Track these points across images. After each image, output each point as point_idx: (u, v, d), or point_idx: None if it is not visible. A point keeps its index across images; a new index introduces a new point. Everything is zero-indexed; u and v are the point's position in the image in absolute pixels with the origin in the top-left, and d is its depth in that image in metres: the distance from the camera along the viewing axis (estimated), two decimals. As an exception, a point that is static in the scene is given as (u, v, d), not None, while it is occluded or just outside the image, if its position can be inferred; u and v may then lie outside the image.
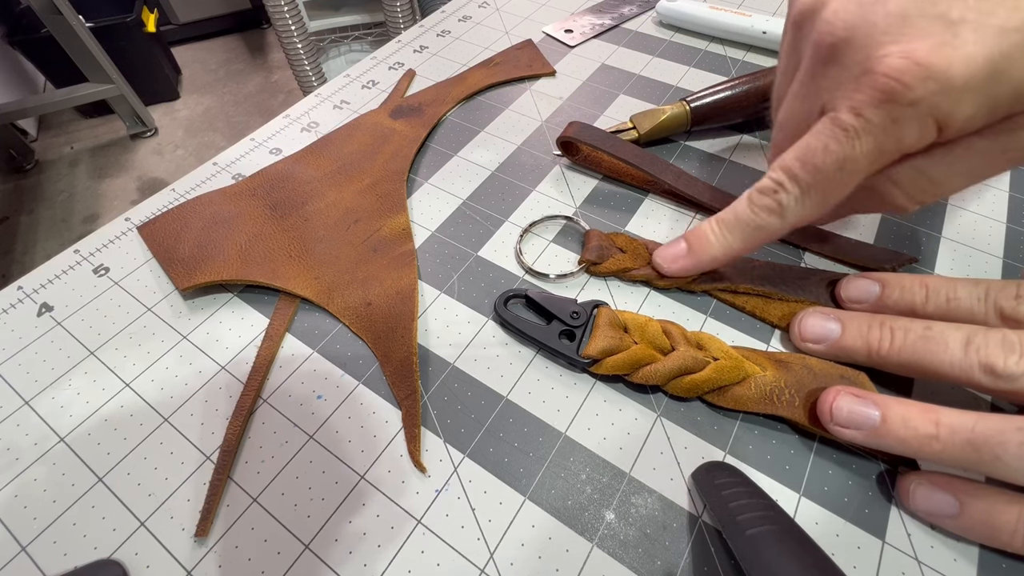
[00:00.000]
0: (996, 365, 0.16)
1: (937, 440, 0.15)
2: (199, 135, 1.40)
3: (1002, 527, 0.15)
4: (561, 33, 0.38)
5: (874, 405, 0.16)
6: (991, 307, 0.18)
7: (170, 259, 0.24)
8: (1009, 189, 0.27)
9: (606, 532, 0.17)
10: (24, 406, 0.20)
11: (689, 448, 0.19)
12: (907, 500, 0.17)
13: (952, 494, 0.16)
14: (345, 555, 0.17)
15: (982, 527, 0.16)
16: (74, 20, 1.09)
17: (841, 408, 0.17)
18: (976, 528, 0.16)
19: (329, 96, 0.34)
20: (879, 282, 0.20)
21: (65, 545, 0.17)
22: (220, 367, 0.21)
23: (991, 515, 0.15)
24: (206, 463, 0.19)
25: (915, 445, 0.16)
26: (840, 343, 0.19)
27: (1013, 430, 0.14)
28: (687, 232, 0.22)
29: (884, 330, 0.18)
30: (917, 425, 0.16)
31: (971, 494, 0.16)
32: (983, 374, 0.16)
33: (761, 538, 0.14)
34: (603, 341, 0.20)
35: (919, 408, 0.16)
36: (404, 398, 0.20)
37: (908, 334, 0.18)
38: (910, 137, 0.16)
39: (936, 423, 0.15)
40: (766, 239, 0.20)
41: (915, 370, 0.18)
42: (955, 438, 0.15)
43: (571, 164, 0.29)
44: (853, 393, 0.17)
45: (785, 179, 0.18)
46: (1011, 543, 0.15)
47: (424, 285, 0.24)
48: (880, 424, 0.16)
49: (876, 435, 0.16)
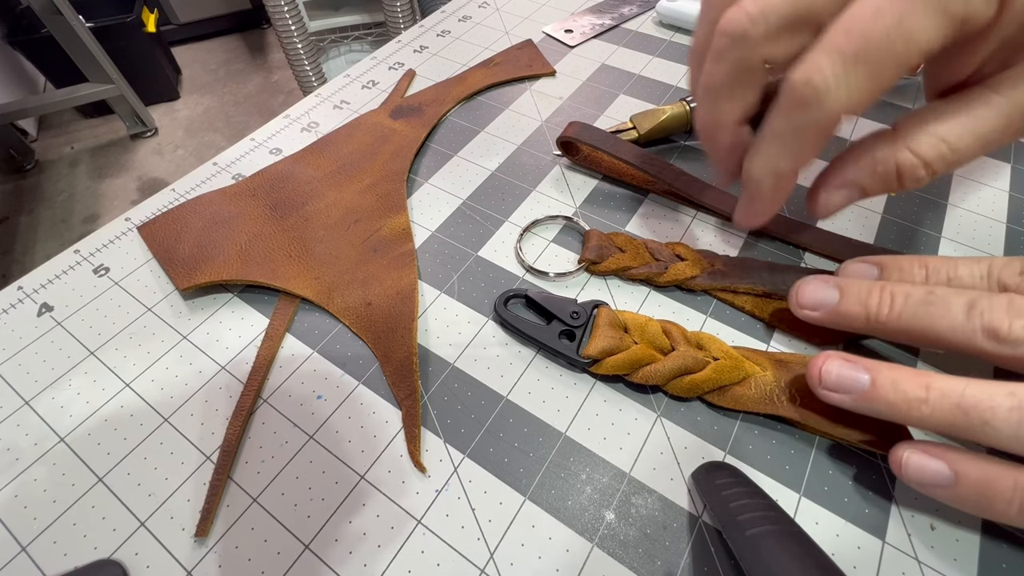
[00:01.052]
0: (1000, 329, 0.15)
1: (926, 404, 0.15)
2: (199, 135, 1.40)
3: (997, 497, 0.15)
4: (561, 33, 0.38)
5: (864, 369, 0.16)
6: (994, 284, 0.17)
7: (170, 259, 0.24)
8: (1009, 189, 0.27)
9: (606, 532, 0.17)
10: (24, 406, 0.20)
11: (689, 448, 0.19)
12: (899, 470, 0.16)
13: (946, 463, 0.15)
14: (345, 555, 0.17)
15: (977, 497, 0.15)
16: (74, 20, 1.09)
17: (830, 372, 0.17)
18: (971, 498, 0.15)
19: (329, 96, 0.34)
20: (877, 265, 0.20)
21: (65, 545, 0.17)
22: (220, 367, 0.21)
23: (986, 485, 0.15)
24: (206, 463, 0.19)
25: (904, 409, 0.15)
26: (838, 309, 0.19)
27: (1003, 395, 0.14)
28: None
29: (884, 295, 0.18)
30: (907, 388, 0.15)
31: (966, 463, 0.15)
32: (986, 339, 0.16)
33: (761, 538, 0.14)
34: (603, 341, 0.20)
35: (909, 372, 0.16)
36: (404, 398, 0.20)
37: (909, 299, 0.17)
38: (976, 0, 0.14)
39: (926, 387, 0.15)
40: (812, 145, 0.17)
41: (916, 336, 0.17)
42: (944, 402, 0.15)
43: (571, 164, 0.29)
44: (843, 357, 0.17)
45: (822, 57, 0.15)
46: (1006, 513, 0.15)
47: (424, 285, 0.24)
48: (869, 388, 0.16)
49: (865, 399, 0.16)
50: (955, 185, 0.27)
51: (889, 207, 0.26)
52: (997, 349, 0.15)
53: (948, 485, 0.15)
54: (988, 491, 0.15)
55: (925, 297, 0.17)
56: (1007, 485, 0.14)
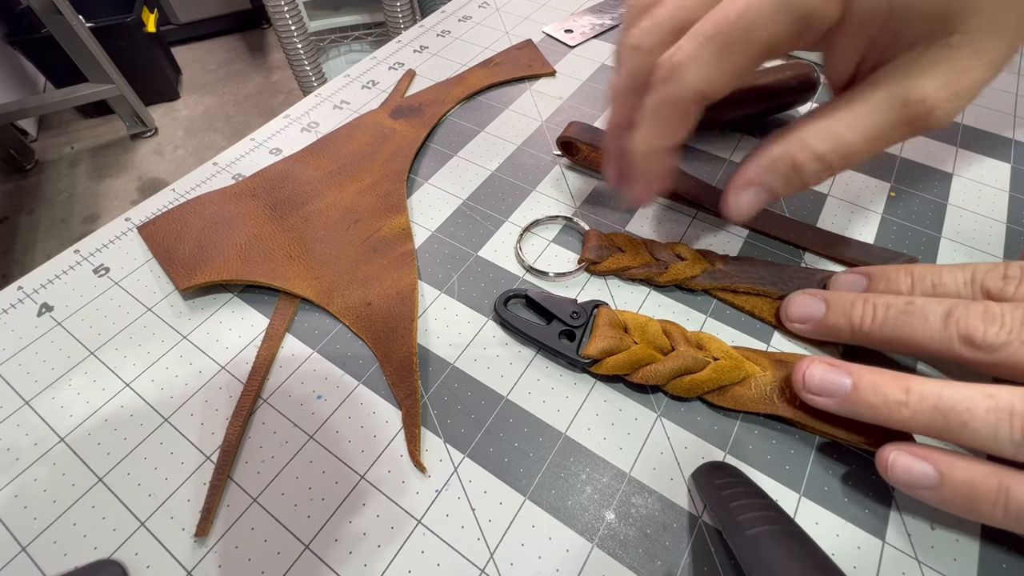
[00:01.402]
0: (975, 335, 0.16)
1: (907, 406, 0.15)
2: (199, 135, 1.40)
3: (983, 498, 0.15)
4: (561, 33, 0.38)
5: (846, 373, 0.16)
6: (978, 290, 0.18)
7: (170, 259, 0.24)
8: (1009, 189, 0.27)
9: (606, 532, 0.17)
10: (24, 406, 0.20)
11: (689, 448, 0.19)
12: (885, 472, 0.16)
13: (932, 464, 0.15)
14: (345, 555, 0.17)
15: (963, 499, 0.15)
16: (74, 20, 1.10)
17: (814, 375, 0.17)
18: (957, 500, 0.15)
19: (329, 96, 0.34)
20: (865, 275, 0.20)
21: (65, 545, 0.17)
22: (220, 367, 0.21)
23: (972, 486, 0.15)
24: (206, 463, 0.19)
25: (885, 412, 0.16)
26: (825, 321, 0.20)
27: (981, 396, 0.14)
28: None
29: (867, 306, 0.18)
30: (887, 391, 0.16)
31: (951, 465, 0.15)
32: (963, 345, 0.16)
33: (761, 538, 0.14)
34: (603, 341, 0.20)
35: (890, 375, 0.16)
36: (404, 398, 0.20)
37: (889, 309, 0.18)
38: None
39: (906, 390, 0.15)
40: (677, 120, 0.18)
41: (897, 345, 0.18)
42: (923, 404, 0.15)
43: (571, 164, 0.29)
44: (826, 362, 0.17)
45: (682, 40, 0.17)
46: (992, 515, 0.15)
47: (424, 285, 0.24)
48: (851, 391, 0.16)
49: (848, 402, 0.16)
50: (955, 185, 0.27)
51: (889, 207, 0.26)
52: (974, 355, 0.16)
53: (933, 486, 0.15)
54: (973, 493, 0.15)
55: (904, 307, 0.17)
56: (992, 487, 0.14)
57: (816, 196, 0.27)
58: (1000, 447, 0.14)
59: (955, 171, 0.28)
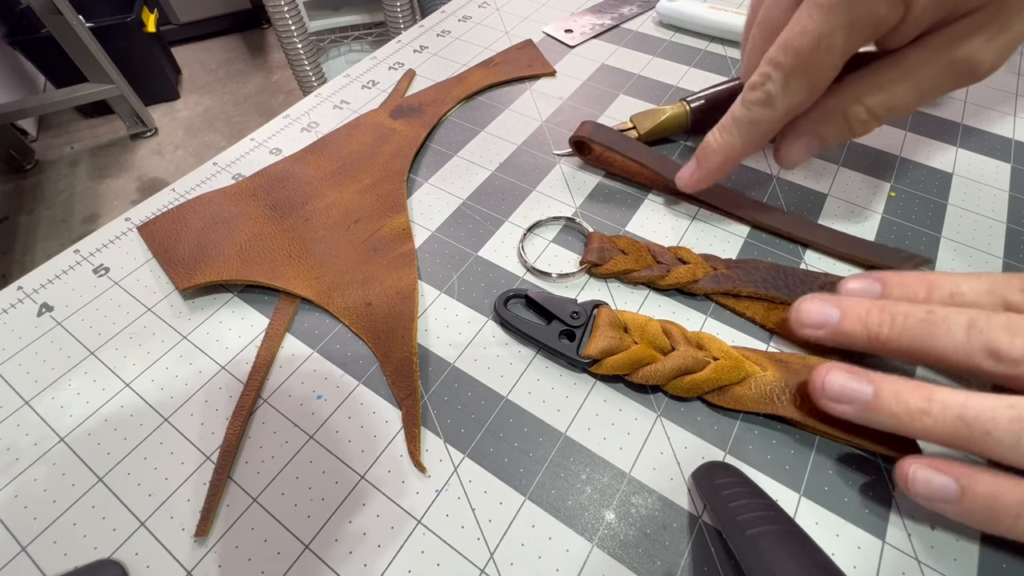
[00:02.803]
0: (1000, 348, 0.15)
1: (928, 415, 0.15)
2: (199, 135, 1.40)
3: (1004, 512, 0.15)
4: (561, 33, 0.38)
5: (867, 381, 0.16)
6: (998, 302, 0.17)
7: (170, 259, 0.24)
8: (1009, 189, 0.27)
9: (606, 532, 0.17)
10: (24, 406, 0.20)
11: (689, 448, 0.19)
12: (906, 485, 0.16)
13: (953, 478, 0.15)
14: (345, 555, 0.17)
15: (983, 512, 0.15)
16: (74, 20, 1.09)
17: (834, 382, 0.17)
18: (977, 513, 0.15)
19: (329, 96, 0.34)
20: (880, 281, 0.20)
21: (65, 545, 0.17)
22: (220, 367, 0.21)
23: (993, 499, 0.15)
24: (206, 463, 0.19)
25: (906, 421, 0.15)
26: (839, 328, 0.19)
27: (1004, 406, 0.14)
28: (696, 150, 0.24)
29: (884, 314, 0.18)
30: (909, 400, 0.15)
31: (973, 478, 0.15)
32: (986, 358, 0.16)
33: (761, 538, 0.14)
34: (603, 341, 0.20)
35: (912, 384, 0.16)
36: (404, 398, 0.20)
37: (909, 318, 0.17)
38: (880, 10, 0.17)
39: (928, 399, 0.15)
40: (763, 134, 0.22)
41: (916, 355, 0.17)
42: (946, 414, 0.15)
43: (571, 163, 0.29)
44: (846, 369, 0.17)
45: (769, 69, 0.20)
46: (1013, 528, 0.15)
47: (424, 285, 0.24)
48: (872, 399, 0.16)
49: (868, 410, 0.16)
50: (955, 185, 0.27)
51: (889, 207, 0.26)
52: (997, 368, 0.16)
53: (955, 500, 0.15)
54: (995, 505, 0.15)
55: (925, 316, 0.17)
56: (1014, 500, 0.14)
57: (816, 195, 0.27)
58: (1022, 458, 0.14)
59: (955, 171, 0.28)
